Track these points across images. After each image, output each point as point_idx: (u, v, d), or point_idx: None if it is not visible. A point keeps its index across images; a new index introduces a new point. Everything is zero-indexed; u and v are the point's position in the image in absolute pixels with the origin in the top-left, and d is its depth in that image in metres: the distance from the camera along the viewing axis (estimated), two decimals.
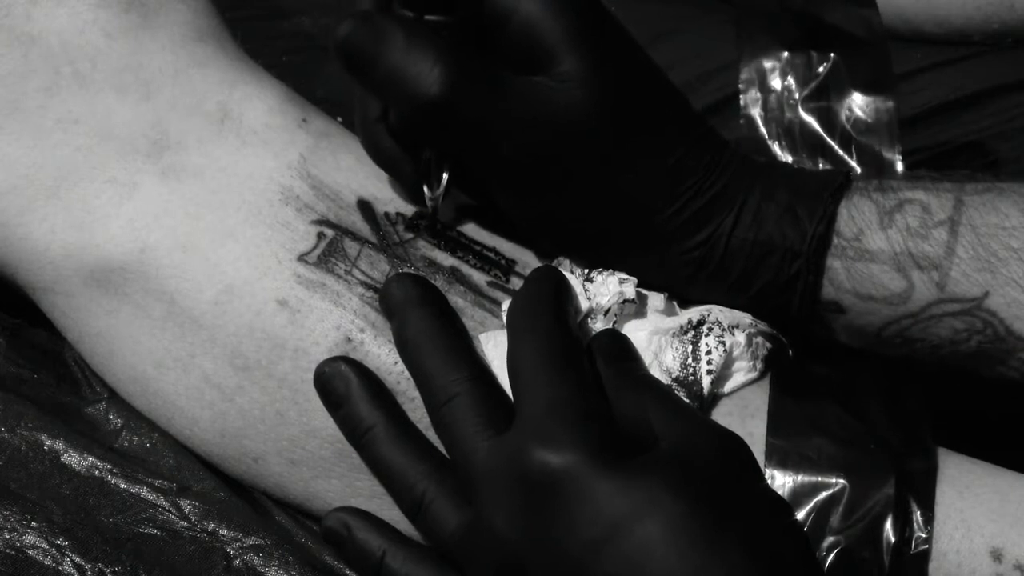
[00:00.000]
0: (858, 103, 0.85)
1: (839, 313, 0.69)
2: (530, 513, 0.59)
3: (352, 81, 0.68)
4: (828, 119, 0.86)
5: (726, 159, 0.70)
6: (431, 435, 0.66)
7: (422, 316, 0.67)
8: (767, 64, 0.87)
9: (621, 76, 0.68)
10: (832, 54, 0.86)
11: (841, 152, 0.86)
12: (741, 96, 0.87)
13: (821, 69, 0.87)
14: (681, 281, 0.70)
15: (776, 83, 0.87)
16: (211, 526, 0.69)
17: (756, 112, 0.86)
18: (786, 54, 0.87)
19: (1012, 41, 0.91)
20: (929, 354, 0.69)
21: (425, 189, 0.71)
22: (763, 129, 0.87)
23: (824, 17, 0.88)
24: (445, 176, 0.71)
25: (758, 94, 0.87)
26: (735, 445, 0.60)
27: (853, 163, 0.85)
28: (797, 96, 0.86)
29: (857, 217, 0.68)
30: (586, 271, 0.70)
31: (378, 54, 0.66)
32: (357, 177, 0.73)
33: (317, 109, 0.76)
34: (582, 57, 0.66)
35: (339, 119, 0.77)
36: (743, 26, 0.88)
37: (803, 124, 0.86)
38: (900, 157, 0.85)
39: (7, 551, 0.67)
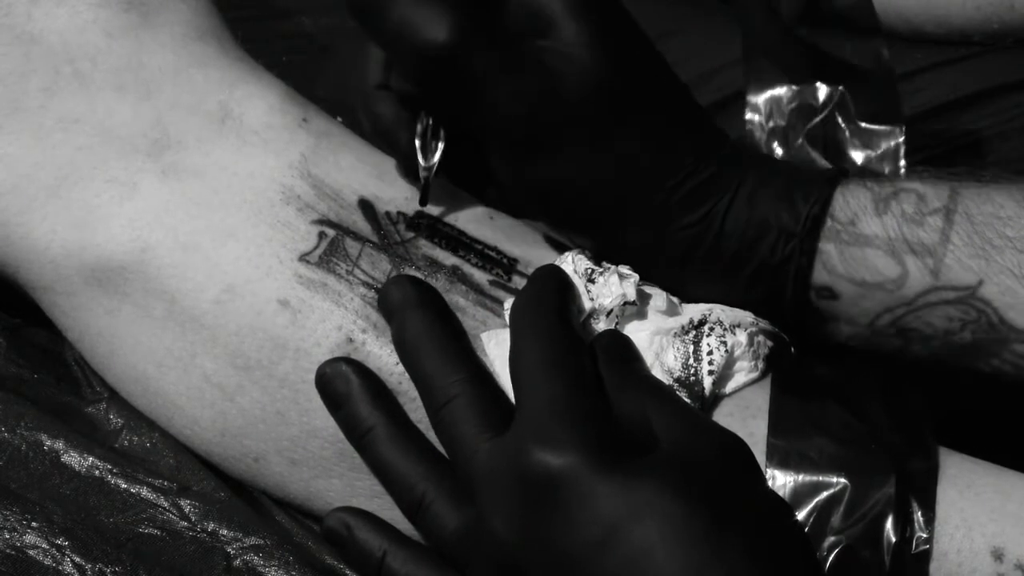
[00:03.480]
0: (864, 135, 0.85)
1: (832, 299, 0.70)
2: (529, 514, 0.59)
3: (362, 31, 0.69)
4: (835, 151, 0.86)
5: (723, 145, 0.70)
6: (432, 436, 0.66)
7: (421, 318, 0.67)
8: (773, 96, 0.87)
9: (621, 47, 0.69)
10: (839, 87, 0.86)
11: None
12: (747, 124, 0.87)
13: (828, 100, 0.87)
14: (676, 261, 0.70)
15: (782, 115, 0.87)
16: (211, 526, 0.69)
17: (762, 143, 0.86)
18: (793, 87, 0.87)
19: (1012, 41, 0.91)
20: (922, 346, 0.69)
21: (420, 159, 0.71)
22: None
23: (831, 49, 0.88)
24: (441, 145, 0.71)
25: (764, 126, 0.87)
26: (736, 446, 0.60)
27: None
28: (803, 127, 0.86)
29: (852, 202, 0.68)
30: (588, 271, 0.70)
31: (387, 4, 0.67)
32: (358, 176, 0.73)
33: (318, 108, 0.76)
34: (584, 25, 0.67)
35: (339, 119, 0.77)
36: (749, 60, 0.88)
37: (809, 156, 0.86)
38: None
39: (7, 551, 0.67)
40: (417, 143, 0.71)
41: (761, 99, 0.86)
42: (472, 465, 0.62)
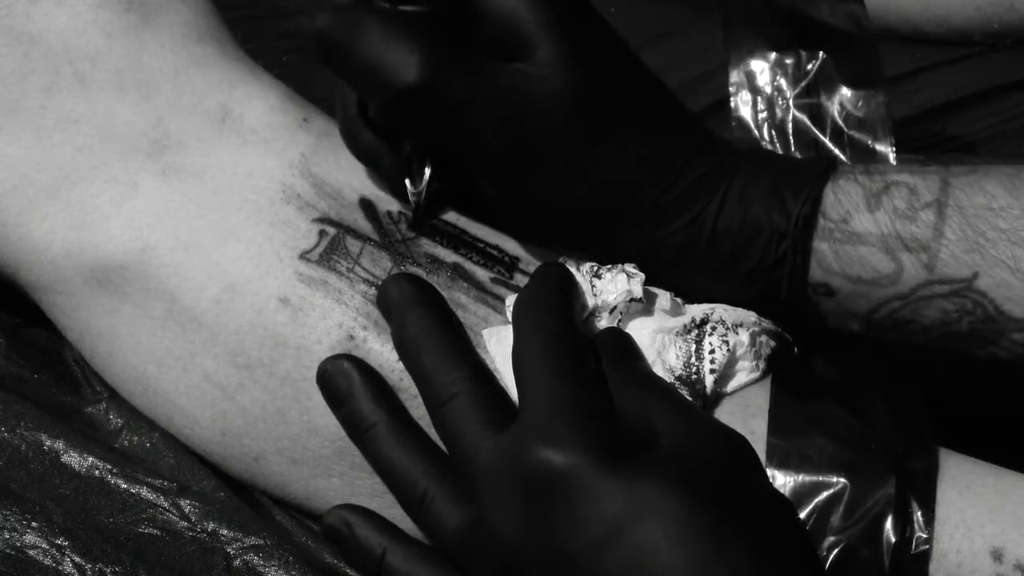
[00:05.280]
0: (848, 98, 0.85)
1: (829, 296, 0.70)
2: (532, 511, 0.59)
3: (331, 74, 0.69)
4: (819, 116, 0.86)
5: (711, 145, 0.70)
6: (433, 433, 0.66)
7: (420, 316, 0.67)
8: (756, 66, 0.87)
9: (599, 61, 0.68)
10: (821, 52, 0.86)
11: (834, 148, 0.86)
12: (732, 99, 0.87)
13: (810, 67, 0.87)
14: (670, 265, 0.70)
15: (766, 84, 0.87)
16: (211, 526, 0.69)
17: (747, 114, 0.86)
18: (774, 55, 0.87)
19: (1012, 41, 0.91)
20: (920, 336, 0.69)
21: (408, 185, 0.71)
22: (755, 131, 0.87)
23: (811, 14, 0.88)
24: (427, 171, 0.71)
25: (748, 96, 0.87)
26: (738, 444, 0.60)
27: (845, 159, 0.85)
28: (787, 96, 0.86)
29: (843, 199, 0.68)
30: (594, 267, 0.70)
31: (355, 45, 0.66)
32: (359, 176, 0.73)
33: (318, 109, 0.76)
34: (559, 43, 0.67)
35: None
36: (729, 30, 0.88)
37: (795, 122, 0.86)
38: (893, 150, 0.85)
39: (7, 551, 0.67)
40: (403, 171, 0.71)
41: (743, 70, 0.86)
42: (474, 462, 0.62)
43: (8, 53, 0.73)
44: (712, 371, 0.68)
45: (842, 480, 0.65)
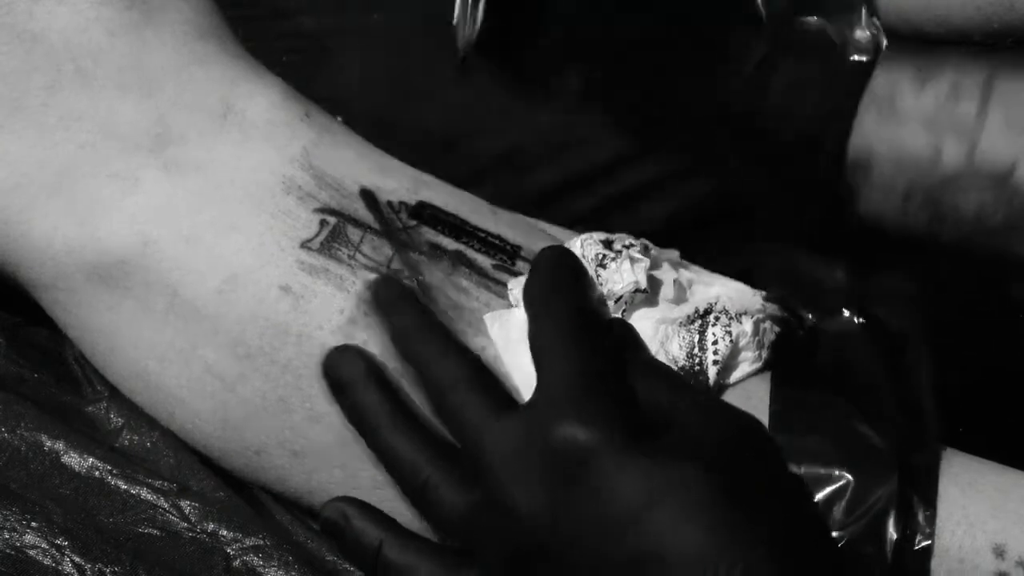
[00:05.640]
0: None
1: (867, 171, 0.70)
2: (551, 489, 0.59)
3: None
4: None
5: (760, 18, 0.71)
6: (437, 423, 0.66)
7: (417, 309, 0.67)
8: None
9: None
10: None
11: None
12: None
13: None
14: (719, 120, 0.71)
15: None
16: (211, 526, 0.69)
17: None
18: None
19: (1012, 41, 0.91)
20: (953, 230, 0.69)
21: (458, 25, 0.71)
22: None
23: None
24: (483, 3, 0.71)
25: None
26: (753, 427, 0.61)
27: None
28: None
29: (891, 78, 0.69)
30: (599, 256, 0.70)
31: None
32: (360, 169, 0.73)
33: (318, 107, 0.77)
34: None
35: (339, 118, 0.78)
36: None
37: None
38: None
39: (7, 551, 0.67)
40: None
41: None
42: (484, 443, 0.62)
43: (10, 51, 0.73)
44: (715, 362, 0.68)
45: (845, 475, 0.65)
